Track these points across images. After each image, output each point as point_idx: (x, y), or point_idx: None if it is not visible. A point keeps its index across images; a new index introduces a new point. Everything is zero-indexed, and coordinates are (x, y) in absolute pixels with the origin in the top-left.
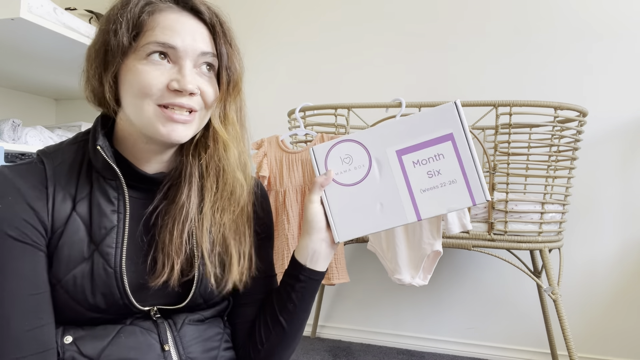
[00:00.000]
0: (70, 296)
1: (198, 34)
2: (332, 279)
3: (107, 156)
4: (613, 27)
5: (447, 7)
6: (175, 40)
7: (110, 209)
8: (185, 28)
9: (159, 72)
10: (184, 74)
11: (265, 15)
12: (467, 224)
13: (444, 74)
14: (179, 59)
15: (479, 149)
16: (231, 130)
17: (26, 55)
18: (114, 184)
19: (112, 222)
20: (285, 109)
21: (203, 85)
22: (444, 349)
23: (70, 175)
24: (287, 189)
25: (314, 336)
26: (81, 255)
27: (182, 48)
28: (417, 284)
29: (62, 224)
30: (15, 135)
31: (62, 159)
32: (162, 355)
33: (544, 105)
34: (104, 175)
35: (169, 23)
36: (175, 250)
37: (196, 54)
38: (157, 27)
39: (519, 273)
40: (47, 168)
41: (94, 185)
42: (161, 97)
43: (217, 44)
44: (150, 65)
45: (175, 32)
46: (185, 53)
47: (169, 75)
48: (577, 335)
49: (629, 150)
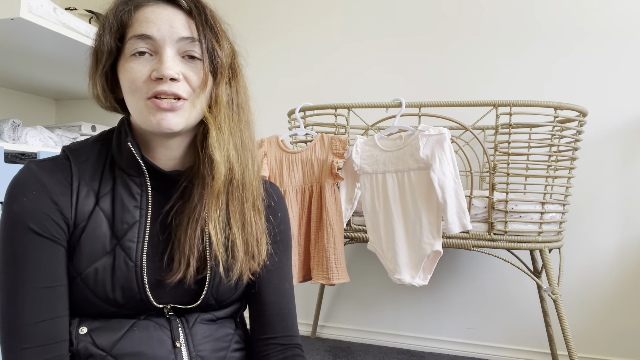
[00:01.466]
0: (90, 289)
1: (176, 20)
2: (332, 279)
3: (136, 152)
4: (613, 28)
5: (447, 7)
6: (152, 30)
7: (133, 204)
8: (162, 17)
9: (142, 66)
10: (162, 61)
11: (266, 16)
12: (467, 224)
13: (444, 74)
14: (158, 48)
15: (479, 149)
16: (222, 114)
17: (26, 55)
18: (138, 181)
19: (135, 217)
20: (285, 109)
21: (187, 71)
22: (444, 349)
23: (94, 171)
24: (287, 189)
25: (314, 336)
26: (103, 249)
27: (158, 36)
28: (417, 284)
29: (85, 219)
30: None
31: (87, 156)
32: (173, 351)
33: (544, 105)
34: (128, 172)
35: (145, 16)
36: (190, 248)
37: (174, 40)
38: (135, 23)
39: (519, 273)
40: (72, 165)
41: (117, 181)
42: (147, 90)
43: (197, 29)
44: (134, 61)
45: (151, 23)
46: (163, 41)
47: (151, 66)
48: (577, 335)
49: (629, 150)
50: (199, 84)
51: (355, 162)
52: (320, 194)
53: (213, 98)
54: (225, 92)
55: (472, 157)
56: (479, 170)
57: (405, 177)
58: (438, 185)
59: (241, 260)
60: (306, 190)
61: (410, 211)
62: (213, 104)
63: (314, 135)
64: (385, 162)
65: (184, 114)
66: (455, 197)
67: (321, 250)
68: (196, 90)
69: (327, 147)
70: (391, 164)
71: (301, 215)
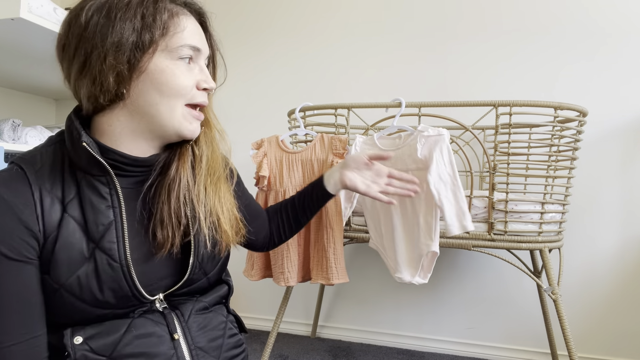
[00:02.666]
0: (76, 297)
1: (204, 37)
2: (331, 279)
3: (95, 152)
4: (613, 27)
5: (447, 7)
6: (202, 44)
7: (104, 205)
8: (200, 32)
9: (189, 72)
10: (206, 74)
11: (266, 16)
12: (467, 225)
13: (444, 74)
14: (198, 59)
15: (479, 149)
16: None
17: (26, 55)
18: (104, 180)
19: (109, 218)
20: (285, 109)
21: None
22: (444, 349)
23: (53, 178)
24: (287, 188)
25: (314, 336)
26: (82, 255)
27: (203, 50)
28: (417, 282)
29: (55, 228)
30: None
31: (42, 163)
32: (172, 345)
33: (544, 105)
34: (91, 172)
35: (192, 27)
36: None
37: (205, 57)
38: (185, 30)
39: (519, 273)
40: (27, 174)
41: (81, 184)
42: (191, 97)
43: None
44: (183, 66)
45: (199, 36)
46: (203, 55)
47: (194, 75)
48: (577, 335)
49: (629, 150)
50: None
51: None
52: None
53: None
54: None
55: (472, 157)
56: (479, 170)
57: None
58: (434, 187)
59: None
60: None
61: (408, 211)
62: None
63: (314, 135)
64: (384, 162)
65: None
66: (454, 198)
67: (321, 250)
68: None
69: (327, 147)
70: (390, 164)
71: None
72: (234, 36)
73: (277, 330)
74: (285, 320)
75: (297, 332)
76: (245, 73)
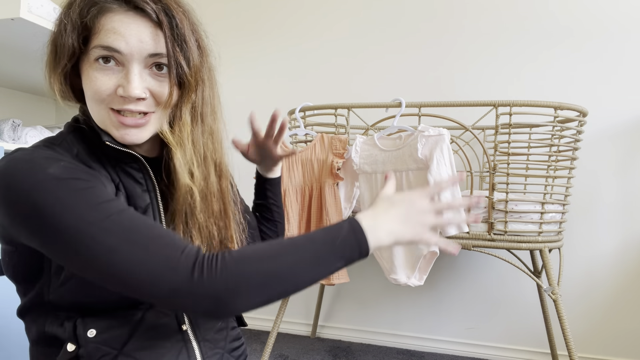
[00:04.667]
0: None
1: (145, 34)
2: (331, 279)
3: (119, 146)
4: (613, 28)
5: (447, 7)
6: (119, 44)
7: (140, 189)
8: (131, 30)
9: (107, 78)
10: (129, 80)
11: (266, 15)
12: (463, 226)
13: (444, 74)
14: (126, 62)
15: (479, 149)
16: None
17: (26, 55)
18: (136, 166)
19: (146, 201)
20: (285, 109)
21: (154, 87)
22: (443, 349)
23: (92, 161)
24: (287, 188)
25: (314, 336)
26: None
27: (127, 51)
28: (412, 284)
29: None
30: (15, 135)
31: (78, 149)
32: (182, 337)
33: (544, 105)
34: (123, 160)
35: (113, 25)
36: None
37: (143, 56)
38: (102, 30)
39: (519, 273)
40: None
41: (118, 170)
42: (111, 102)
43: (165, 43)
44: (98, 71)
45: (119, 35)
46: (131, 56)
47: (117, 80)
48: (577, 335)
49: (629, 150)
50: (166, 99)
51: (354, 161)
52: (320, 193)
53: (177, 114)
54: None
55: (472, 157)
56: (479, 170)
57: (404, 177)
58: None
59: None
60: (306, 190)
61: None
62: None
63: (314, 135)
64: (385, 162)
65: (148, 127)
66: (452, 198)
67: None
68: (164, 104)
69: (327, 147)
70: (390, 164)
71: (301, 215)
72: (233, 36)
73: (277, 330)
74: (285, 320)
75: (297, 332)
76: (245, 73)
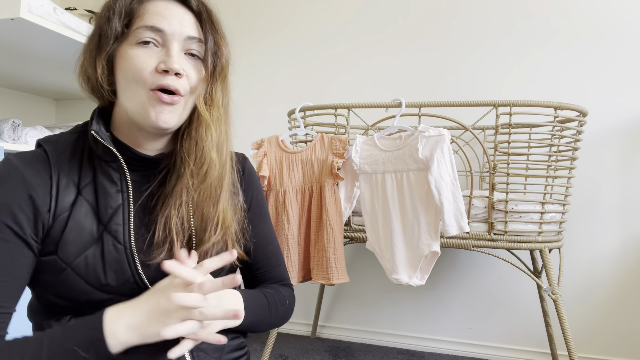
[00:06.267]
0: (82, 278)
1: (186, 20)
2: (331, 279)
3: (103, 139)
4: (614, 27)
5: (447, 7)
6: (163, 24)
7: (114, 189)
8: (173, 14)
9: (148, 56)
10: (170, 55)
11: (266, 15)
12: (464, 226)
13: (444, 74)
14: (166, 41)
15: (479, 149)
16: (215, 113)
17: (26, 55)
18: (115, 166)
19: (117, 201)
20: (285, 109)
21: (188, 69)
22: (444, 349)
23: (72, 163)
24: (287, 188)
25: (314, 336)
26: (91, 237)
27: (169, 31)
28: (414, 284)
29: (67, 209)
30: (15, 135)
31: (64, 148)
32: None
33: (544, 105)
34: (105, 159)
35: (157, 9)
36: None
37: (182, 38)
38: (146, 13)
39: (519, 273)
40: (50, 156)
41: (97, 170)
42: (153, 81)
43: (204, 30)
44: (140, 49)
45: (163, 17)
46: (172, 36)
47: (158, 57)
48: (577, 335)
49: (629, 150)
50: (197, 83)
51: (354, 161)
52: (320, 194)
53: (208, 97)
54: (219, 92)
55: (472, 157)
56: (479, 170)
57: (404, 177)
58: (435, 187)
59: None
60: (306, 190)
61: (408, 211)
62: (209, 102)
63: (314, 135)
64: (385, 162)
65: (178, 110)
66: (453, 199)
67: (321, 250)
68: (193, 88)
69: (327, 147)
70: (390, 164)
71: (301, 215)
72: (232, 36)
73: (277, 330)
74: None
75: (297, 332)
76: (245, 73)
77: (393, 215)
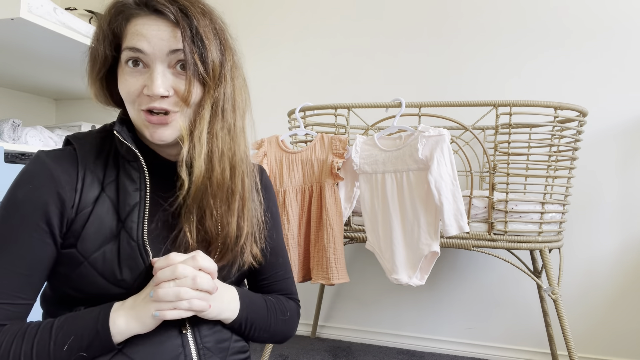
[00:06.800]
0: (98, 272)
1: (165, 33)
2: (331, 279)
3: (124, 138)
4: (614, 27)
5: (448, 7)
6: (142, 44)
7: (133, 187)
8: (152, 30)
9: (135, 79)
10: (152, 79)
11: (265, 16)
12: (464, 226)
13: (444, 74)
14: (149, 62)
15: (479, 149)
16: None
17: (26, 55)
18: (135, 165)
19: (135, 199)
20: (285, 109)
21: (177, 85)
22: (443, 349)
23: (98, 161)
24: (287, 189)
25: (314, 336)
26: (110, 232)
27: (149, 52)
28: (414, 284)
29: (90, 204)
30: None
31: (91, 145)
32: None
33: (544, 105)
34: (127, 158)
35: (137, 28)
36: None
37: (164, 54)
38: (128, 34)
39: (519, 273)
40: (78, 153)
41: (120, 169)
42: (140, 103)
43: (183, 40)
44: (128, 74)
45: (142, 36)
46: (154, 56)
47: (143, 80)
48: (577, 335)
49: (629, 150)
50: (184, 95)
51: (354, 161)
52: (320, 194)
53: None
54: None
55: (472, 157)
56: (479, 170)
57: (404, 177)
58: (435, 187)
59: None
60: (306, 190)
61: (408, 211)
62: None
63: (314, 135)
64: (385, 162)
65: (174, 125)
66: (453, 199)
67: (321, 250)
68: (188, 102)
69: (327, 147)
70: (390, 164)
71: (301, 215)
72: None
73: None
74: None
75: (297, 332)
76: (245, 73)
77: (393, 215)
